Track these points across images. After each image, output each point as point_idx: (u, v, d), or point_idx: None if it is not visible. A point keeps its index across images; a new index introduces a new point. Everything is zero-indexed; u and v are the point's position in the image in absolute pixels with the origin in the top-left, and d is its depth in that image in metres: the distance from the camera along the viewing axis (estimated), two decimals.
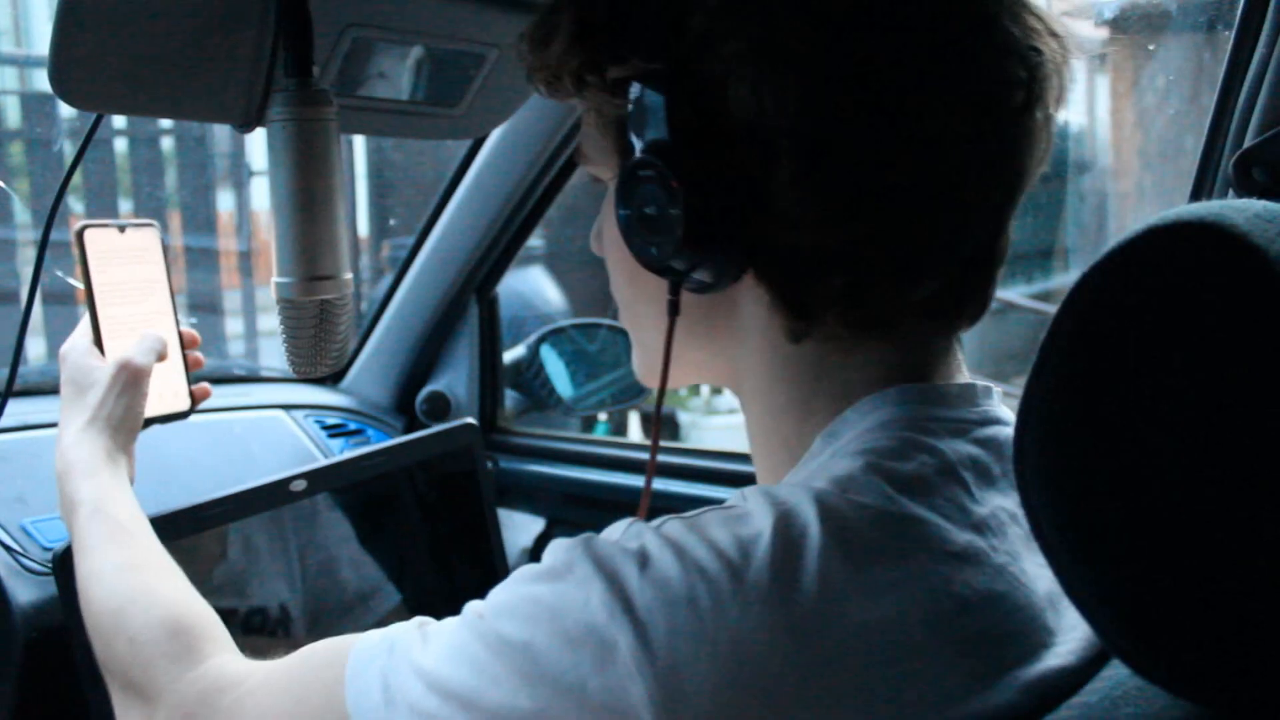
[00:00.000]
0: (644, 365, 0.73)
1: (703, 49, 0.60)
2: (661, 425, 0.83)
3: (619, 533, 0.58)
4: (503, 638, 0.55)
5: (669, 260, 0.62)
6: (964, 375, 0.67)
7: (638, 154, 0.62)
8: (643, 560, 0.55)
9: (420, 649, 0.59)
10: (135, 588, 0.80)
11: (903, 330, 0.64)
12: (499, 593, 0.59)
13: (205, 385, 1.04)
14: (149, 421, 0.96)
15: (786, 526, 0.55)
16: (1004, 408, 0.67)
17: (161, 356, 0.96)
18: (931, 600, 0.55)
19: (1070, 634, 0.58)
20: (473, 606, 0.59)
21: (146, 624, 0.77)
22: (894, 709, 0.53)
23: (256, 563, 1.09)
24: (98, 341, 0.95)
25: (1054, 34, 0.62)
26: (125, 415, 0.91)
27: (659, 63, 0.61)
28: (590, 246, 0.75)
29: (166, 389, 0.99)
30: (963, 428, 0.63)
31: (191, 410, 1.02)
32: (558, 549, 0.58)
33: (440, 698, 0.56)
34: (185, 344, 1.03)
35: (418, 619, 0.63)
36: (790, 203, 0.59)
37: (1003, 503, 0.61)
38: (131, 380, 0.92)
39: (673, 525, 0.57)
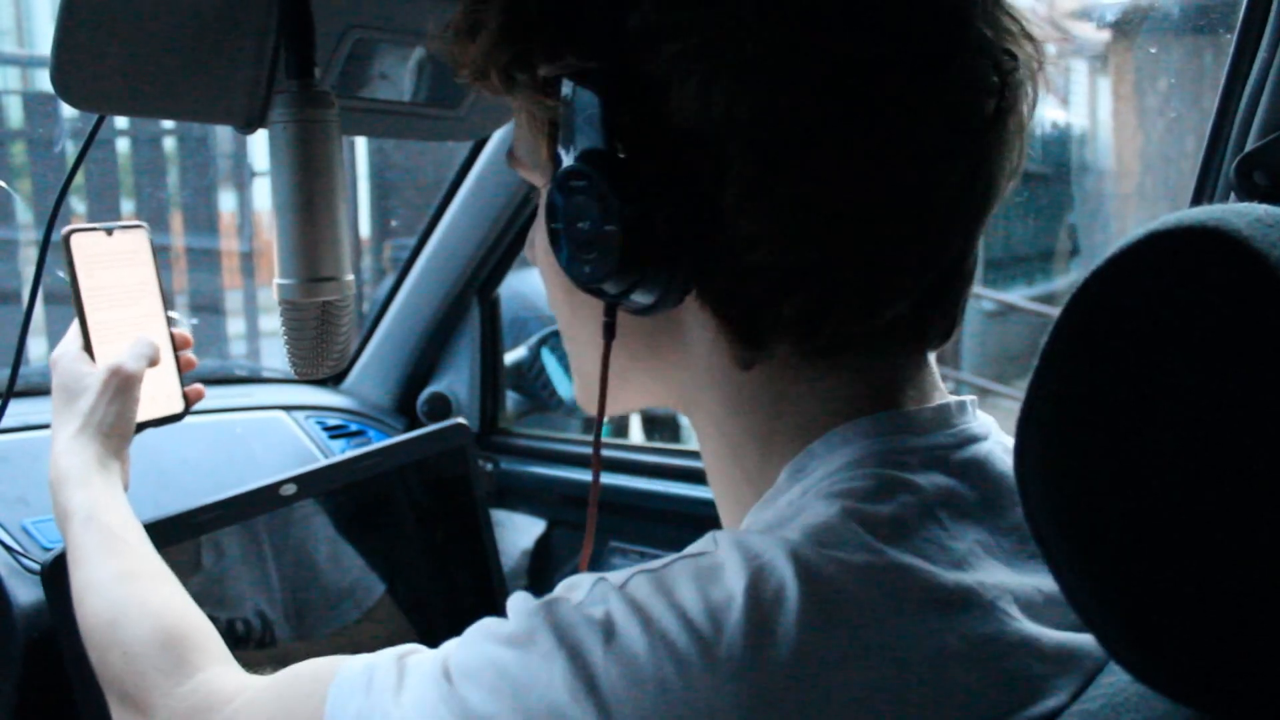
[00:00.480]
0: (582, 390, 0.68)
1: (645, 46, 0.54)
2: (661, 426, 0.82)
3: (584, 592, 0.54)
4: (467, 708, 0.52)
5: (604, 281, 0.56)
6: (939, 394, 0.63)
7: (570, 162, 0.56)
8: (607, 632, 0.51)
9: (394, 696, 0.56)
10: (128, 599, 0.79)
11: (868, 353, 0.59)
12: (465, 650, 0.55)
13: (199, 386, 1.03)
14: (143, 425, 0.96)
15: (759, 589, 0.50)
16: (982, 418, 0.64)
17: (154, 361, 0.96)
18: (924, 657, 0.51)
19: (1064, 665, 0.55)
20: (442, 659, 0.56)
21: (139, 636, 0.76)
22: None
23: (247, 568, 1.09)
24: (87, 347, 0.95)
25: (1029, 37, 0.57)
26: (117, 422, 0.91)
27: (595, 60, 0.55)
28: (525, 254, 0.70)
29: (160, 392, 0.99)
30: (939, 455, 0.59)
31: (185, 413, 1.02)
32: (520, 612, 0.54)
33: None
34: (177, 345, 1.02)
35: (400, 649, 0.60)
36: (741, 220, 0.54)
37: (978, 535, 0.57)
38: (122, 386, 0.91)
39: (639, 584, 0.52)
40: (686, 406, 0.65)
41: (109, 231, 0.98)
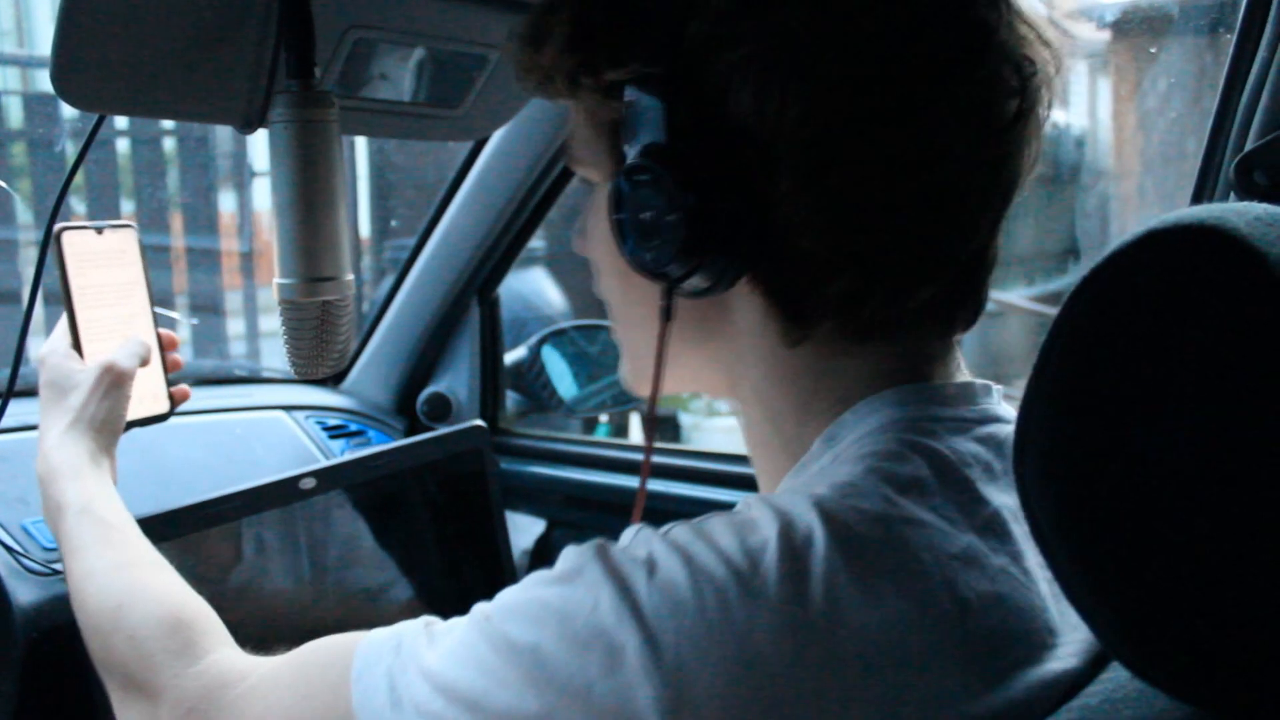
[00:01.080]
0: (633, 372, 0.73)
1: (705, 53, 0.59)
2: (663, 427, 0.83)
3: (627, 539, 0.59)
4: (510, 640, 0.55)
5: (666, 266, 0.61)
6: (963, 375, 0.67)
7: (634, 158, 0.61)
8: (651, 567, 0.55)
9: (427, 649, 0.59)
10: (131, 585, 0.80)
11: (901, 334, 0.63)
12: (507, 595, 0.58)
13: (184, 387, 1.04)
14: (129, 425, 0.96)
15: (791, 533, 0.55)
16: (1004, 406, 0.67)
17: (144, 361, 0.96)
18: (933, 603, 0.54)
19: (1073, 634, 0.58)
20: (480, 608, 0.59)
21: (145, 620, 0.77)
22: (898, 711, 0.53)
23: (264, 561, 1.10)
24: (76, 344, 0.95)
25: (1045, 42, 0.62)
26: (108, 418, 0.91)
27: (659, 66, 0.60)
28: (573, 246, 0.74)
29: (146, 392, 0.99)
30: (963, 426, 0.63)
31: (171, 413, 1.03)
32: (569, 554, 0.58)
33: (446, 699, 0.56)
34: (164, 346, 1.03)
35: (424, 618, 0.63)
36: (791, 211, 0.59)
37: (1006, 500, 0.61)
38: (115, 383, 0.92)
39: (680, 531, 0.57)
40: (731, 383, 0.69)
41: (99, 230, 0.99)
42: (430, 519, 1.23)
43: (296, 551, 1.12)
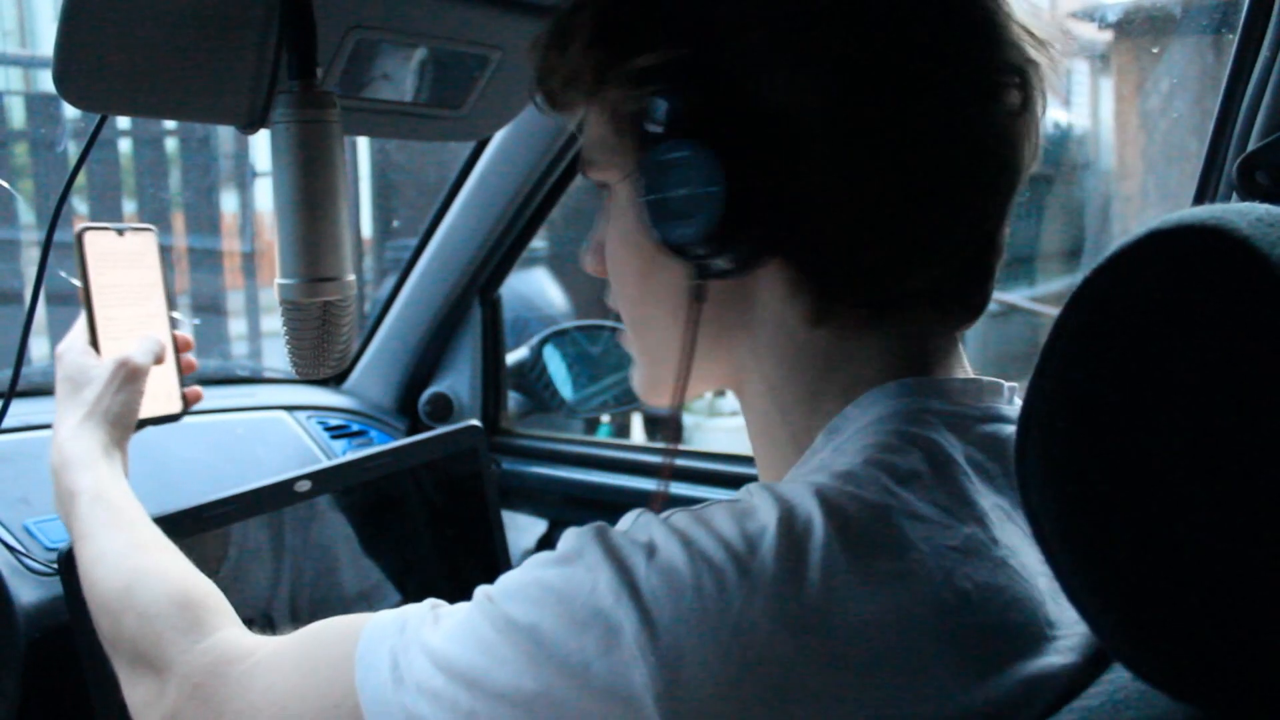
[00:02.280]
0: (649, 380, 0.74)
1: (730, 35, 0.61)
2: (663, 427, 0.83)
3: (628, 523, 0.60)
4: (510, 619, 0.56)
5: (699, 244, 0.62)
6: (966, 370, 0.68)
7: (667, 137, 0.62)
8: (650, 550, 0.56)
9: (430, 629, 0.60)
10: (141, 566, 0.81)
11: (908, 322, 0.65)
12: (509, 577, 0.59)
13: (197, 389, 1.06)
14: (142, 423, 0.97)
15: (791, 520, 0.55)
16: (1015, 405, 0.68)
17: (159, 359, 0.98)
18: (932, 593, 0.55)
19: (1072, 628, 0.58)
20: (483, 589, 0.60)
21: (155, 599, 0.78)
22: (894, 700, 0.53)
23: (258, 563, 1.10)
24: (94, 341, 0.97)
25: (1040, 42, 0.64)
26: (122, 411, 0.94)
27: (688, 48, 0.62)
28: (584, 265, 0.75)
29: (160, 391, 1.01)
30: (962, 421, 0.64)
31: (184, 413, 1.04)
32: (570, 536, 0.59)
33: (446, 676, 0.57)
34: (179, 347, 1.05)
35: (431, 600, 0.64)
36: (816, 188, 0.61)
37: (998, 500, 0.62)
38: (129, 377, 0.94)
39: (680, 517, 0.58)
40: (741, 376, 0.70)
41: (120, 232, 1.01)
42: (427, 520, 1.23)
43: (292, 554, 1.12)
